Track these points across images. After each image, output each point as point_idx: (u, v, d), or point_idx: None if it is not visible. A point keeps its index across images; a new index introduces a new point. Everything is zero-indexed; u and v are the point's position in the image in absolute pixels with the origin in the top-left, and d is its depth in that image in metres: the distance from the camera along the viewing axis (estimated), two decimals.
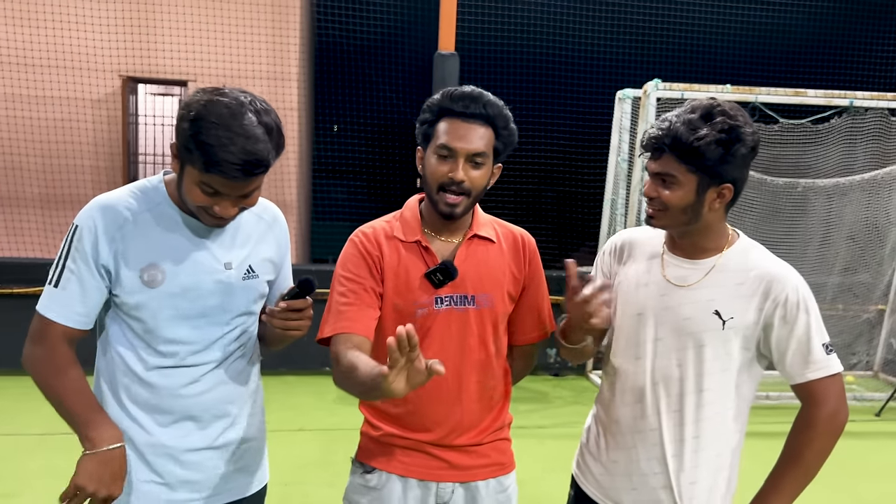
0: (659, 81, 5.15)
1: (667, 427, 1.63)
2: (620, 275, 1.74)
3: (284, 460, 4.14)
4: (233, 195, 1.47)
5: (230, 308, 1.62)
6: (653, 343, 1.64)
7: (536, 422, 4.91)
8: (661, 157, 1.55)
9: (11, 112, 6.56)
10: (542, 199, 10.01)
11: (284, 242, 1.78)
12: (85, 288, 1.52)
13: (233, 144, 1.39)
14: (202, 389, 1.61)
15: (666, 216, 1.58)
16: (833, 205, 5.73)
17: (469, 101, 1.64)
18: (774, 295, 1.55)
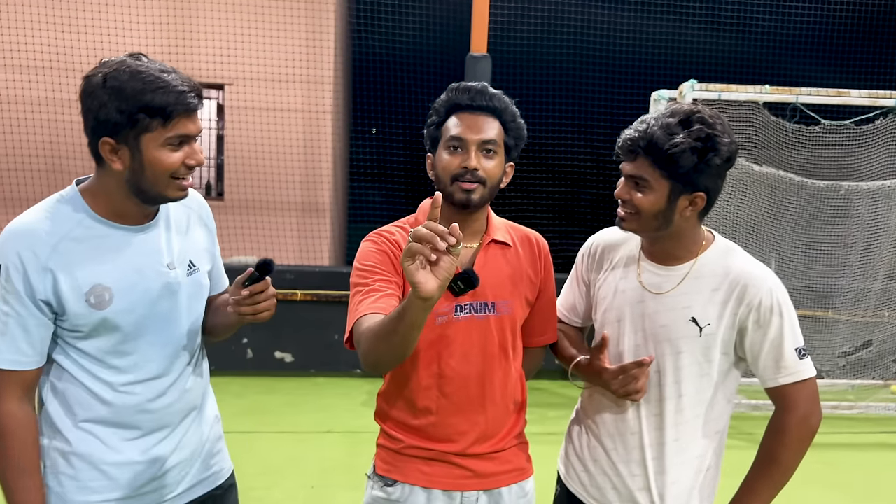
0: (695, 82, 5.06)
1: (647, 430, 1.63)
2: (599, 280, 1.74)
3: (313, 462, 4.15)
4: (195, 133, 1.42)
5: (182, 309, 1.54)
6: (632, 350, 1.63)
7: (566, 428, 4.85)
8: (635, 160, 1.54)
9: (54, 115, 6.71)
10: (578, 203, 9.93)
11: (211, 224, 1.70)
12: (27, 327, 1.40)
13: (168, 79, 1.36)
14: (170, 401, 1.54)
15: (636, 220, 1.57)
16: (878, 208, 5.55)
17: (475, 94, 1.64)
18: (749, 299, 1.54)
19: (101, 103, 1.36)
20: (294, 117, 7.25)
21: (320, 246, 7.30)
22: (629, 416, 1.65)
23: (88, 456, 1.49)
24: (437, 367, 1.67)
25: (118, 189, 1.45)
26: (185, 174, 1.44)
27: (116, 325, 1.45)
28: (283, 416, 4.96)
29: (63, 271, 1.40)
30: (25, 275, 1.38)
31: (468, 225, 1.69)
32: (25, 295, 1.39)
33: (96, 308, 1.42)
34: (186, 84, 1.39)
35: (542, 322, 1.82)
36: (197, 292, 1.60)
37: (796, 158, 5.26)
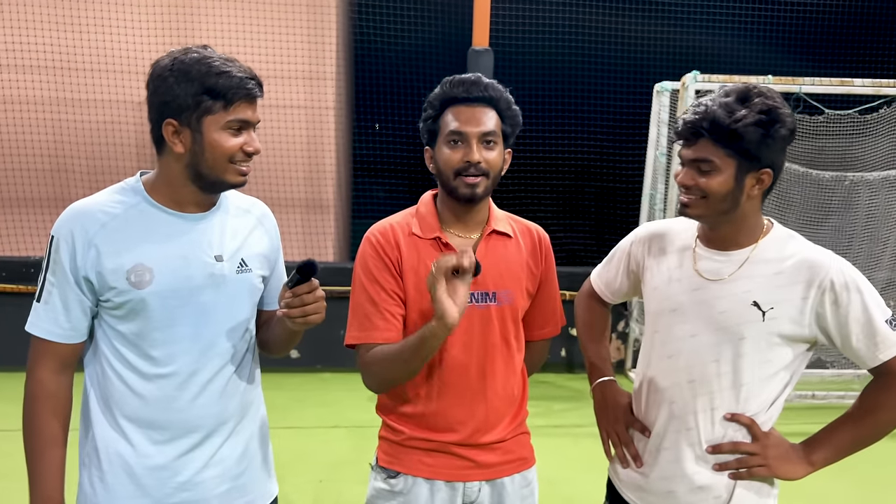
0: (697, 73, 5.05)
1: (703, 426, 1.58)
2: (651, 269, 1.70)
3: (320, 457, 4.18)
4: (254, 121, 1.48)
5: (226, 304, 1.54)
6: (687, 340, 1.59)
7: (573, 420, 4.86)
8: (697, 143, 1.51)
9: (57, 115, 6.73)
10: (582, 196, 9.91)
11: (276, 238, 1.73)
12: (67, 301, 1.46)
13: (231, 66, 1.43)
14: (202, 401, 1.53)
15: (704, 205, 1.53)
16: (881, 199, 5.54)
17: (470, 86, 1.65)
18: (819, 281, 1.49)
19: (167, 85, 1.42)
20: (297, 114, 7.25)
21: (325, 242, 7.30)
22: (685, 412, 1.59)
23: (118, 459, 1.51)
24: (438, 357, 1.69)
25: (178, 175, 1.49)
26: (242, 160, 1.48)
27: (153, 307, 1.46)
28: (291, 411, 4.99)
29: (108, 247, 1.45)
30: (73, 249, 1.45)
31: (471, 216, 1.72)
32: (69, 269, 1.45)
33: (136, 287, 1.45)
34: (247, 72, 1.47)
35: (543, 315, 1.84)
36: (245, 291, 1.59)
37: (800, 149, 5.24)
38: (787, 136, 1.50)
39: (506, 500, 1.75)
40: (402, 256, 1.70)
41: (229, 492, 1.60)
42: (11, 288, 5.66)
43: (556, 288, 1.85)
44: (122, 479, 1.51)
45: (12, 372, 5.44)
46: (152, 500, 1.52)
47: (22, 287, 5.62)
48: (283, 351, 1.70)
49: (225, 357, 1.56)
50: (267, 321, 1.72)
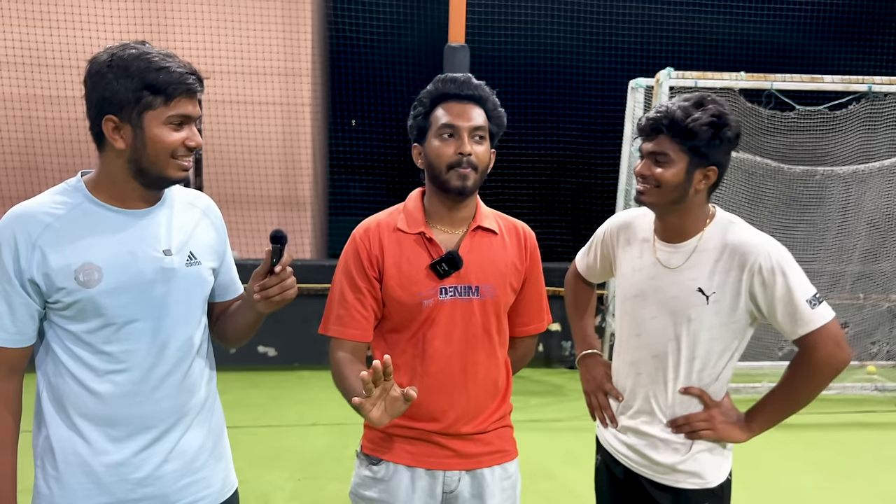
0: (671, 70, 5.09)
1: (666, 393, 1.82)
2: (619, 258, 1.93)
3: (298, 455, 4.16)
4: (194, 115, 1.48)
5: (178, 297, 1.53)
6: (649, 321, 1.82)
7: (551, 415, 4.90)
8: (657, 138, 1.72)
9: (27, 112, 6.62)
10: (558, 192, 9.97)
11: (222, 229, 1.72)
12: (12, 305, 1.44)
13: (171, 62, 1.43)
14: (159, 396, 1.52)
15: (657, 193, 1.74)
16: (852, 192, 5.63)
17: (462, 84, 1.72)
18: (749, 265, 1.70)
19: (106, 81, 1.41)
20: (272, 110, 7.21)
21: (301, 239, 7.27)
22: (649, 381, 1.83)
23: (74, 456, 1.49)
24: (420, 348, 1.73)
25: (120, 171, 1.47)
26: (184, 154, 1.47)
27: (104, 305, 1.44)
28: (268, 409, 4.96)
29: (53, 248, 1.43)
30: (16, 253, 1.42)
31: (458, 212, 1.77)
32: (13, 273, 1.42)
33: (84, 286, 1.43)
34: (187, 68, 1.46)
35: (528, 312, 1.89)
36: (196, 283, 1.58)
37: (772, 144, 5.32)
38: (732, 139, 1.72)
39: (485, 490, 1.77)
40: (384, 253, 1.73)
41: (189, 485, 1.59)
42: None
43: (542, 286, 1.90)
44: (79, 477, 1.49)
45: None
46: (112, 497, 1.51)
47: None
48: (243, 340, 1.71)
49: (181, 351, 1.56)
50: (222, 313, 1.72)
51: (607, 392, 1.96)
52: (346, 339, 1.74)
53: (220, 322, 1.72)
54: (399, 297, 1.72)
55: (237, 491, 1.75)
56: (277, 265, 1.47)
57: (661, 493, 1.82)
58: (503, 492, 1.80)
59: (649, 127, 1.73)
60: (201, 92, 1.48)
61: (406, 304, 1.71)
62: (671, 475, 1.81)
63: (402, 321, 1.74)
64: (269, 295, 1.48)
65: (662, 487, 1.82)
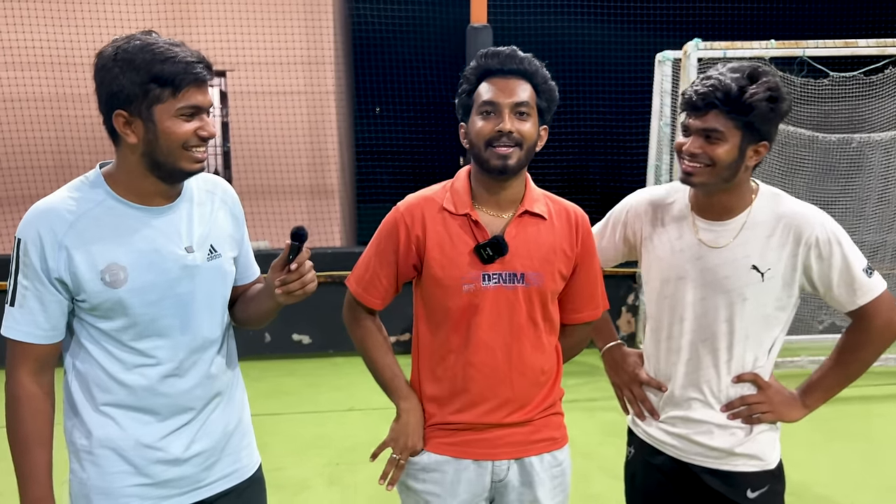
0: (699, 41, 4.98)
1: (719, 377, 1.75)
2: (652, 240, 1.83)
3: (336, 441, 4.20)
4: (206, 105, 1.44)
5: (202, 292, 1.55)
6: (697, 304, 1.74)
7: (587, 395, 4.88)
8: (708, 113, 1.61)
9: (58, 112, 6.72)
10: (587, 170, 9.86)
11: (240, 214, 1.71)
12: (44, 302, 1.44)
13: (177, 51, 1.39)
14: (187, 386, 1.55)
15: (709, 172, 1.64)
16: (892, 159, 5.48)
17: (505, 58, 1.65)
18: (805, 238, 1.65)
19: (112, 76, 1.38)
20: (297, 100, 7.22)
21: (331, 227, 7.31)
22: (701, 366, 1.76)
23: (108, 441, 1.51)
24: (464, 336, 1.69)
25: (135, 166, 1.47)
26: (197, 145, 1.45)
27: (131, 304, 1.46)
28: (305, 396, 5.02)
29: (79, 249, 1.42)
30: (42, 251, 1.42)
31: (505, 194, 1.70)
32: (41, 271, 1.42)
33: (111, 286, 1.44)
34: (195, 56, 1.42)
35: (580, 299, 1.81)
36: (218, 277, 1.59)
37: (806, 113, 5.18)
38: (784, 113, 1.64)
39: (534, 478, 1.74)
40: (427, 232, 1.69)
41: (217, 463, 1.62)
42: None
43: (595, 272, 1.81)
44: (112, 459, 1.52)
45: None
46: (147, 478, 1.53)
47: None
48: (260, 325, 1.71)
49: (207, 342, 1.58)
50: (240, 296, 1.72)
51: (643, 383, 1.87)
52: (363, 302, 1.78)
53: (237, 305, 1.72)
54: (440, 279, 1.68)
55: (261, 467, 1.78)
56: (293, 262, 1.45)
57: (717, 480, 1.75)
58: (553, 479, 1.77)
59: (701, 101, 1.61)
60: (211, 79, 1.45)
61: (446, 287, 1.68)
62: (728, 459, 1.75)
63: (443, 306, 1.70)
64: (290, 290, 1.47)
65: (718, 473, 1.75)
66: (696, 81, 1.65)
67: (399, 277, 1.76)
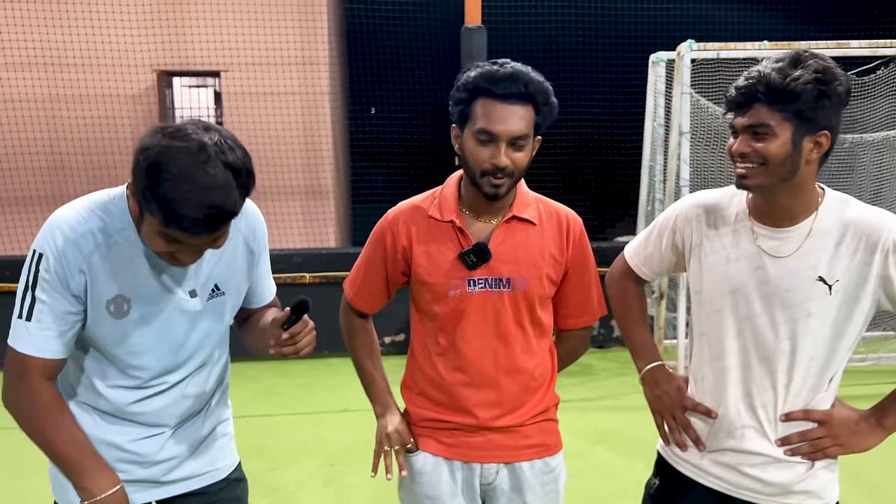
0: (692, 42, 5.00)
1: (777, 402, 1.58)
2: (704, 248, 1.65)
3: (330, 442, 4.20)
4: (196, 245, 1.38)
5: (199, 332, 1.57)
6: (754, 319, 1.56)
7: (581, 395, 4.88)
8: (751, 108, 1.45)
9: (52, 112, 6.71)
10: (581, 171, 9.87)
11: (258, 247, 1.65)
12: (61, 318, 1.42)
13: (194, 198, 1.26)
14: (163, 404, 1.57)
15: (763, 172, 1.47)
16: (883, 160, 5.51)
17: (510, 83, 1.55)
18: (881, 244, 1.47)
19: (139, 170, 1.29)
20: (292, 100, 7.22)
21: (325, 228, 7.30)
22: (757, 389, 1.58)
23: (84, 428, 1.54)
24: (452, 340, 1.71)
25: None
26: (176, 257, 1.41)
27: (127, 333, 1.48)
28: (299, 398, 5.01)
29: (96, 274, 1.43)
30: (64, 268, 1.40)
31: (496, 203, 1.69)
32: (62, 286, 1.41)
33: (114, 316, 1.46)
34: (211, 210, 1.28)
35: (575, 304, 1.80)
36: (217, 317, 1.60)
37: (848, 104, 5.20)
38: (843, 95, 1.47)
39: (524, 484, 1.74)
40: (413, 241, 1.71)
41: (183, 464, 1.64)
42: (15, 287, 5.66)
43: (591, 277, 1.79)
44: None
45: None
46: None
47: None
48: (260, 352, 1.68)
49: (193, 367, 1.60)
50: (250, 318, 1.72)
51: (688, 408, 1.68)
52: (353, 306, 1.83)
53: (246, 326, 1.72)
54: (427, 286, 1.70)
55: (240, 466, 1.79)
56: (286, 332, 1.45)
57: None
58: (544, 486, 1.76)
59: (742, 97, 1.46)
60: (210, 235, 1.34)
61: (434, 293, 1.70)
62: (784, 497, 1.59)
63: (432, 310, 1.72)
64: (283, 352, 1.48)
65: None
66: (741, 77, 1.49)
67: (389, 284, 1.79)
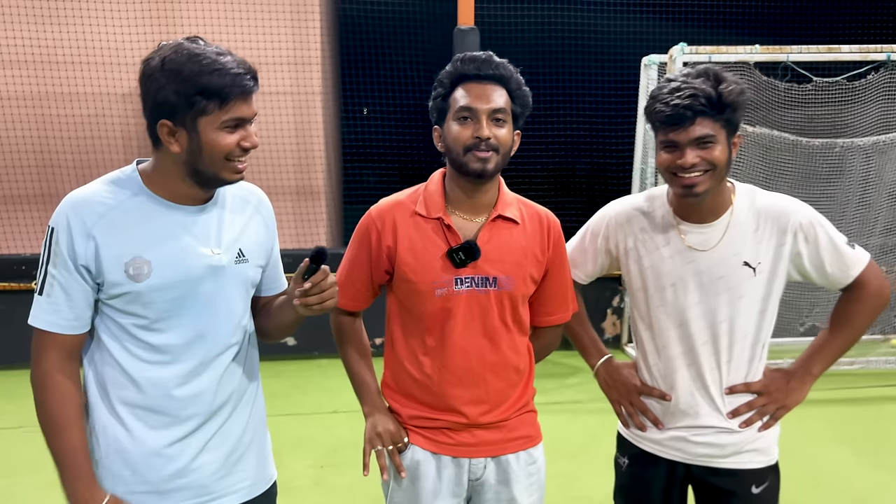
0: (685, 45, 5.03)
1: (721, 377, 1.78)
2: (638, 249, 1.83)
3: (321, 443, 4.19)
4: (250, 116, 1.44)
5: (224, 294, 1.54)
6: (694, 307, 1.76)
7: (571, 397, 4.89)
8: (694, 122, 1.62)
9: (41, 111, 6.66)
10: (573, 173, 9.89)
11: (272, 224, 1.71)
12: (69, 292, 1.45)
13: (226, 60, 1.38)
14: (198, 388, 1.53)
15: (709, 178, 1.65)
16: (873, 164, 5.54)
17: (481, 63, 1.65)
18: (791, 226, 1.71)
19: (159, 86, 1.38)
20: (283, 100, 7.20)
21: (317, 228, 7.28)
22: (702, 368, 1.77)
23: (115, 442, 1.51)
24: (438, 339, 1.71)
25: (174, 170, 1.47)
26: (240, 156, 1.46)
27: (151, 299, 1.46)
28: (289, 398, 5.00)
29: (106, 239, 1.43)
30: (71, 239, 1.43)
31: (479, 198, 1.71)
32: (69, 258, 1.43)
33: (134, 280, 1.44)
34: (242, 66, 1.41)
35: (551, 302, 1.83)
36: (242, 281, 1.58)
37: (790, 118, 5.23)
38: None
39: (511, 476, 1.76)
40: (398, 238, 1.71)
41: (226, 477, 1.60)
42: (3, 286, 5.62)
43: (567, 276, 1.84)
44: (118, 463, 1.51)
45: (5, 370, 5.42)
46: (148, 485, 1.52)
47: (13, 285, 5.59)
48: (282, 337, 1.72)
49: (223, 345, 1.56)
50: (264, 307, 1.71)
51: (642, 393, 1.87)
52: (340, 305, 1.76)
53: (261, 316, 1.71)
54: (413, 284, 1.70)
55: (276, 483, 1.75)
56: (308, 281, 1.45)
57: (722, 478, 1.79)
58: (529, 477, 1.79)
59: (688, 111, 1.61)
60: (256, 90, 1.45)
61: (420, 291, 1.69)
62: (737, 457, 1.78)
63: (417, 309, 1.72)
64: (308, 303, 1.47)
65: (724, 472, 1.79)
66: (663, 97, 1.64)
67: (374, 281, 1.78)
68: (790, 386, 1.80)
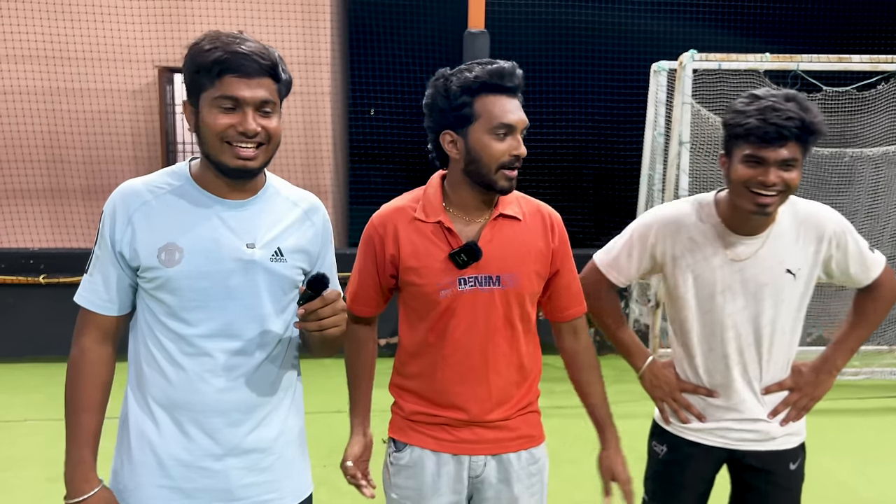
0: (695, 52, 5.01)
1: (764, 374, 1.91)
2: (685, 258, 1.89)
3: (324, 442, 4.18)
4: (251, 102, 1.40)
5: (255, 290, 1.50)
6: (740, 313, 1.87)
7: (576, 401, 4.85)
8: (786, 145, 1.68)
9: (52, 106, 6.69)
10: (580, 178, 9.89)
11: (323, 233, 1.65)
12: (107, 274, 1.49)
13: (237, 44, 1.40)
14: (224, 386, 1.50)
15: (782, 199, 1.75)
16: (882, 174, 5.52)
17: (511, 76, 1.63)
18: (825, 234, 1.84)
19: (185, 67, 1.44)
20: (292, 100, 7.18)
21: None
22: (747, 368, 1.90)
23: (144, 437, 1.52)
24: (441, 337, 1.72)
25: (204, 158, 1.51)
26: (238, 141, 1.42)
27: (180, 287, 1.46)
28: None
29: (143, 225, 1.47)
30: (114, 224, 1.48)
31: (481, 198, 1.71)
32: (109, 242, 1.49)
33: (165, 265, 1.46)
34: (251, 49, 1.41)
35: (566, 296, 1.83)
36: (277, 279, 1.54)
37: None
38: None
39: (512, 475, 1.76)
40: (400, 244, 1.71)
41: (253, 485, 1.56)
42: (10, 279, 5.64)
43: (574, 268, 1.84)
44: (146, 458, 1.51)
45: (13, 363, 5.43)
46: (172, 482, 1.51)
47: (21, 278, 5.60)
48: (322, 354, 1.64)
49: (253, 344, 1.52)
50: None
51: (687, 391, 1.97)
52: (352, 311, 1.78)
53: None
54: (417, 287, 1.71)
55: (311, 496, 1.71)
56: (301, 308, 1.41)
57: (762, 459, 1.92)
58: (530, 476, 1.79)
59: (785, 132, 1.67)
60: (263, 74, 1.42)
61: (425, 294, 1.70)
62: (777, 441, 1.93)
63: (422, 309, 1.73)
64: (307, 328, 1.42)
65: (764, 454, 1.92)
66: (757, 113, 1.68)
67: (383, 286, 1.79)
68: (819, 379, 1.95)
